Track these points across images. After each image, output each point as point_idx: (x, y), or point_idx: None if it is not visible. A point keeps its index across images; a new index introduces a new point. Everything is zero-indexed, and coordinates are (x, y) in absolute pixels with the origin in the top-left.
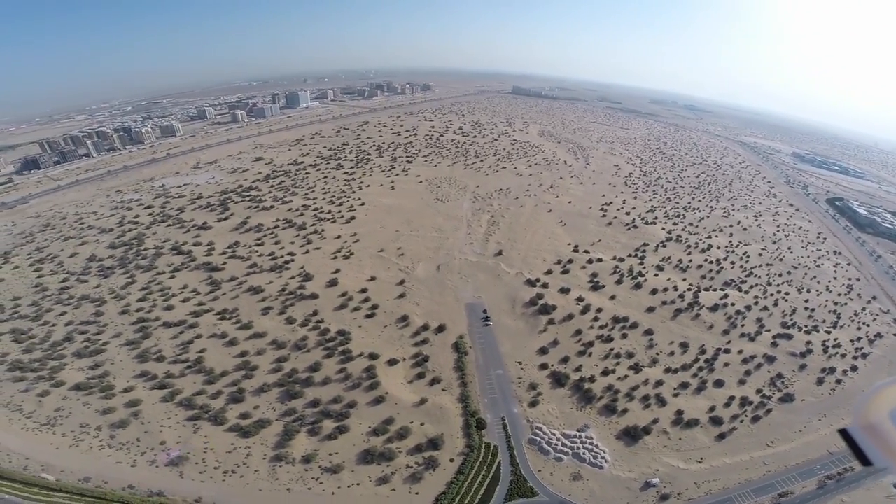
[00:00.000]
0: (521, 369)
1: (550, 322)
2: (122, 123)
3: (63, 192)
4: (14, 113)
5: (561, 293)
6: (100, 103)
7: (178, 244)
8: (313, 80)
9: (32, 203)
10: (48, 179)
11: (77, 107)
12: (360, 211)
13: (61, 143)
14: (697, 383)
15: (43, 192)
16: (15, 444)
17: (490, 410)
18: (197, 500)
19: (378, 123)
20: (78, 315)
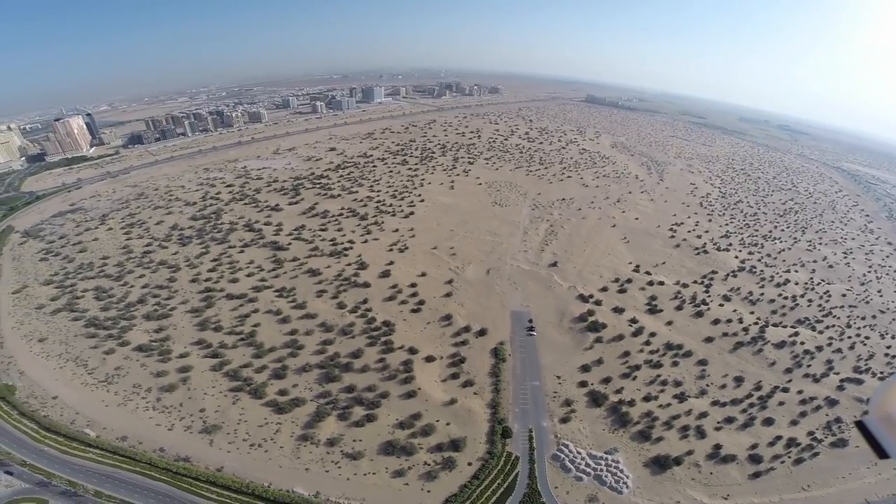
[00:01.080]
0: (559, 384)
1: (598, 340)
2: (216, 107)
3: (159, 167)
4: (129, 92)
5: (614, 312)
6: (199, 87)
7: (251, 222)
8: (388, 76)
9: (132, 174)
10: (148, 154)
11: (180, 90)
12: (419, 207)
13: (163, 122)
14: (745, 419)
15: (142, 164)
16: (71, 398)
17: (519, 420)
18: (219, 469)
19: (444, 123)
20: (154, 279)
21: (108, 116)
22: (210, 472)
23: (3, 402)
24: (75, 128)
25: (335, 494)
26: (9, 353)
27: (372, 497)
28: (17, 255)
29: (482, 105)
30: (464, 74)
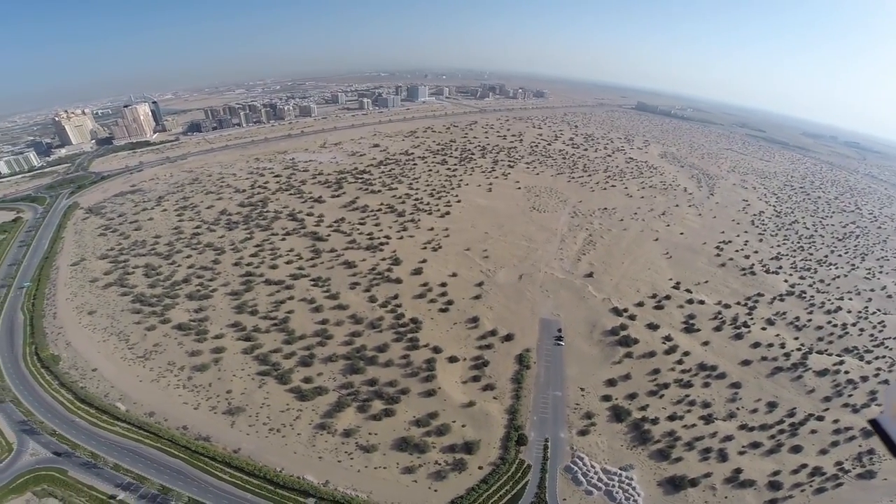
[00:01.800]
0: (582, 396)
1: (628, 355)
2: (270, 100)
3: (213, 154)
4: (192, 83)
5: (648, 328)
6: (256, 80)
7: (294, 212)
8: (433, 76)
9: (189, 160)
10: (205, 142)
11: (238, 82)
12: (456, 207)
13: (220, 112)
14: (771, 445)
15: (199, 151)
16: (109, 371)
17: (536, 429)
18: (236, 451)
19: (486, 125)
20: (200, 260)
21: (172, 105)
22: (227, 452)
23: (47, 371)
24: (141, 114)
25: (343, 485)
26: (60, 324)
27: (379, 491)
28: (79, 230)
29: (526, 108)
30: (508, 77)
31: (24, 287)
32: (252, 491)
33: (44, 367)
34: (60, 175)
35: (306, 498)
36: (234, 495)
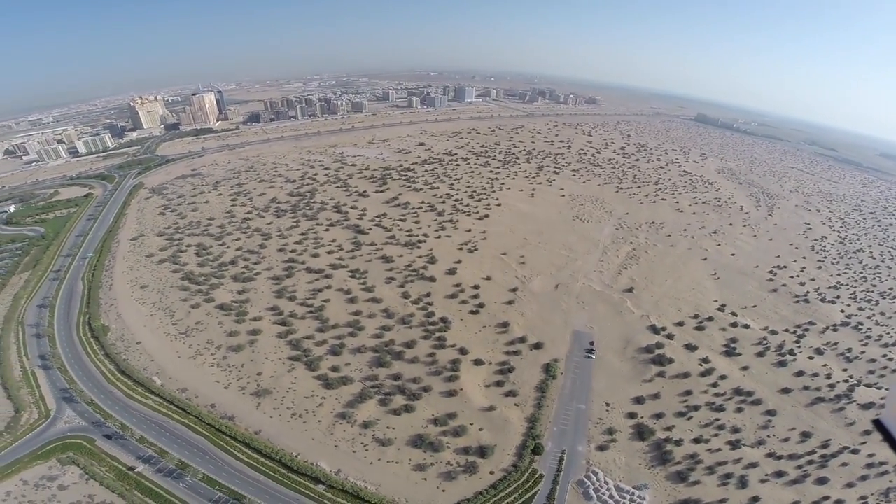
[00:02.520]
0: (606, 411)
1: (660, 374)
2: (325, 95)
3: (269, 144)
4: (254, 74)
5: (685, 349)
6: (313, 75)
7: (339, 204)
8: (481, 77)
9: (247, 148)
10: (262, 132)
11: (297, 75)
12: (495, 211)
13: (278, 105)
14: (797, 475)
15: (256, 141)
16: (151, 345)
17: (554, 440)
18: (257, 432)
19: (533, 129)
20: (247, 244)
21: (235, 95)
22: (248, 433)
23: (96, 341)
24: (207, 103)
25: (354, 475)
26: (114, 296)
27: (388, 484)
28: (141, 208)
29: (576, 115)
30: (559, 82)
31: (87, 258)
32: (265, 473)
33: (93, 337)
34: (130, 156)
35: (316, 484)
36: (247, 476)
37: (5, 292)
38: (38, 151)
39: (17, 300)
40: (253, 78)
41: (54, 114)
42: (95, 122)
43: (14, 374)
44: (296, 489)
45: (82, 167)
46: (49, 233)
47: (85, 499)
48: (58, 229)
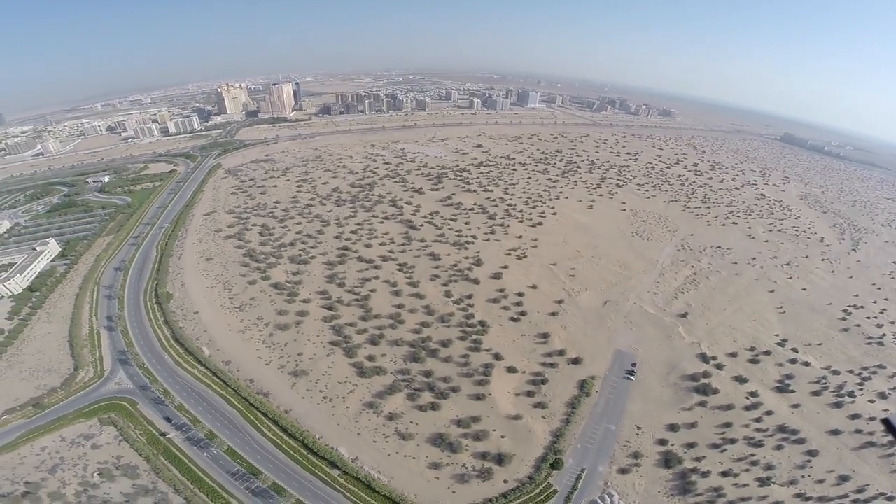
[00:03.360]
0: (637, 434)
1: (701, 404)
2: (392, 91)
3: (337, 136)
4: (329, 68)
5: (734, 380)
6: (383, 71)
7: (395, 199)
8: (547, 83)
9: (316, 139)
10: (332, 124)
11: (367, 71)
12: (550, 220)
13: (348, 98)
14: None
15: (326, 132)
16: (207, 316)
17: (576, 457)
18: (287, 411)
19: (598, 139)
20: (307, 228)
21: (310, 87)
22: (279, 411)
23: (159, 307)
24: (284, 93)
25: (370, 465)
26: (182, 265)
27: (400, 478)
28: (217, 187)
29: (647, 126)
30: (631, 92)
31: (164, 228)
32: (286, 452)
33: (157, 303)
34: (212, 139)
35: (332, 469)
36: (268, 452)
37: (89, 253)
38: (135, 129)
39: (98, 261)
40: (328, 71)
41: (152, 95)
42: (186, 105)
43: (82, 332)
44: (312, 471)
45: (170, 146)
46: (134, 203)
47: (112, 459)
48: (142, 200)
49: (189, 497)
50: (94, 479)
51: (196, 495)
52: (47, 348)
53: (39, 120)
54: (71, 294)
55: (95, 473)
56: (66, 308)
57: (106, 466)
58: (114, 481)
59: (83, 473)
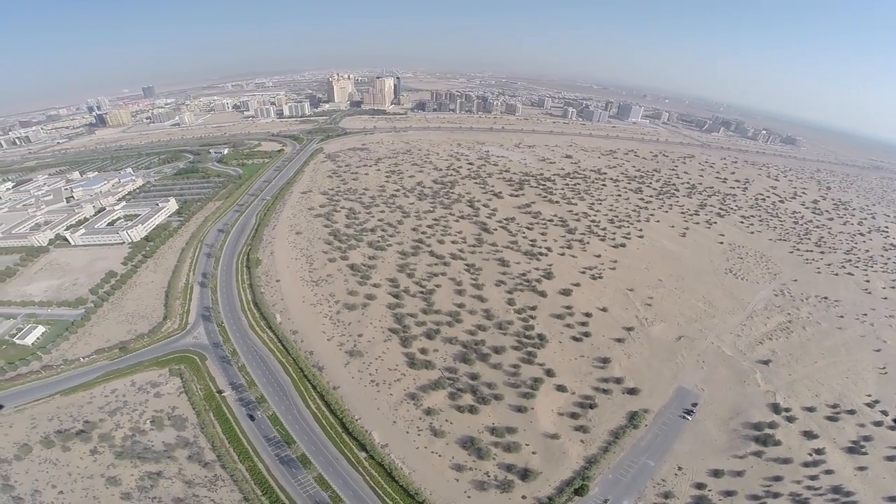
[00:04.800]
0: (675, 474)
1: (756, 454)
2: (483, 93)
3: (427, 132)
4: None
5: (802, 435)
6: (477, 72)
7: (473, 200)
8: (653, 97)
9: (409, 133)
10: (424, 120)
11: (462, 71)
12: (634, 242)
13: (442, 97)
14: None
15: (418, 128)
16: (286, 286)
17: (603, 487)
18: (335, 388)
19: (704, 162)
20: (388, 217)
21: (409, 82)
22: (327, 387)
23: (247, 271)
24: (386, 87)
25: (396, 454)
26: (274, 235)
27: (422, 472)
28: (316, 169)
29: (764, 153)
30: (750, 114)
31: (265, 200)
32: (323, 427)
33: (247, 266)
34: (318, 124)
35: (360, 451)
36: (307, 424)
37: (200, 214)
38: (255, 109)
39: (206, 222)
40: (426, 69)
41: (274, 80)
42: (300, 91)
43: (179, 284)
44: (341, 450)
45: (283, 127)
46: (245, 175)
47: (167, 409)
48: (252, 173)
49: (221, 455)
50: (145, 426)
51: (228, 454)
52: (146, 296)
53: (181, 94)
54: (178, 248)
55: (148, 421)
56: (171, 260)
57: (160, 415)
58: (161, 430)
59: (137, 419)
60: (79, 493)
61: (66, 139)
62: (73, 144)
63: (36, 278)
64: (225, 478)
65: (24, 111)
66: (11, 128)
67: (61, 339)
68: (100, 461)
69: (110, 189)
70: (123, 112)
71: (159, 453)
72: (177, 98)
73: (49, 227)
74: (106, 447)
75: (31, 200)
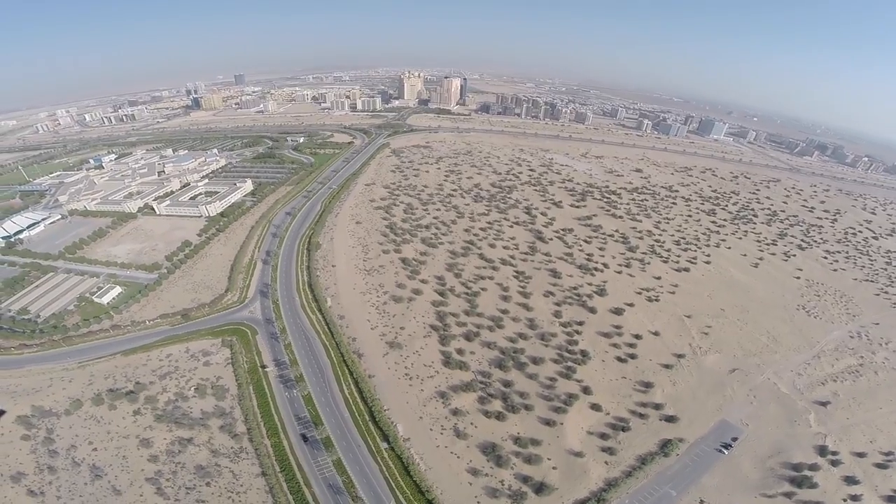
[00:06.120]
0: None
1: (787, 495)
2: (552, 99)
3: (490, 135)
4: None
5: (843, 480)
6: (547, 78)
7: (531, 207)
8: (739, 114)
9: (471, 134)
10: (488, 122)
11: (531, 76)
12: (700, 268)
13: (507, 100)
14: None
15: (481, 129)
16: (341, 271)
17: None
18: (370, 376)
19: (791, 188)
20: (443, 216)
21: (476, 84)
22: (363, 374)
23: (307, 253)
24: (453, 87)
25: (416, 449)
26: (336, 222)
27: (437, 471)
28: (380, 163)
29: (863, 182)
30: (852, 138)
31: (332, 189)
32: (352, 413)
33: (307, 250)
34: (387, 120)
35: (383, 441)
36: (337, 408)
37: (272, 196)
38: (332, 102)
39: (276, 204)
40: (494, 72)
41: (350, 74)
42: (374, 87)
43: (244, 260)
44: (364, 437)
45: (355, 120)
46: (316, 163)
47: (213, 378)
48: (322, 162)
49: (251, 428)
50: (189, 392)
51: (258, 428)
52: (214, 267)
53: (267, 83)
54: (248, 225)
55: (193, 388)
56: (241, 236)
57: (204, 384)
58: (203, 398)
59: (183, 386)
60: (111, 451)
61: (165, 119)
62: (170, 124)
63: (121, 241)
64: (249, 451)
65: (135, 91)
66: (121, 106)
67: (133, 300)
68: (139, 422)
69: (196, 167)
70: (216, 97)
71: (195, 420)
72: (263, 86)
73: (140, 196)
74: (148, 409)
75: (129, 172)
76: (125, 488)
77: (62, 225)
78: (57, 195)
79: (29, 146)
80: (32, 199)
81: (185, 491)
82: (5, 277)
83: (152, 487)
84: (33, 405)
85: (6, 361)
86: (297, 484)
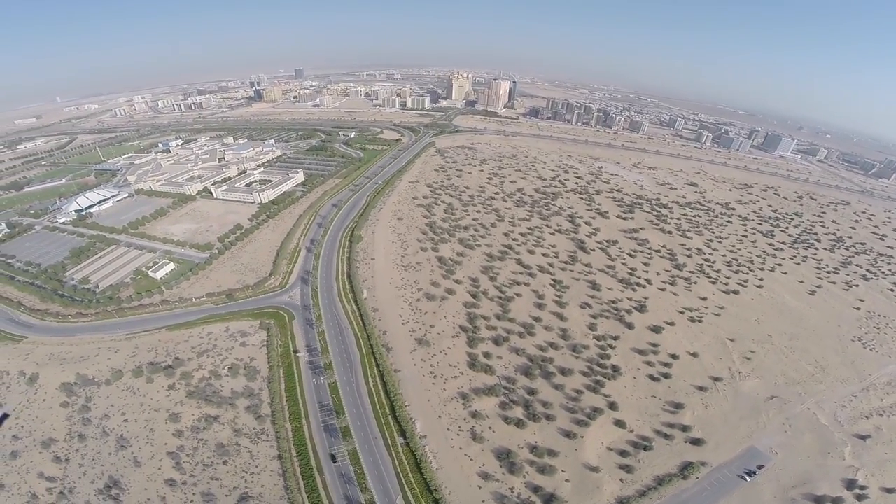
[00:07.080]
0: None
1: None
2: (605, 106)
3: (537, 140)
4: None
5: None
6: (601, 85)
7: (575, 215)
8: (810, 130)
9: (518, 138)
10: (536, 127)
11: (584, 82)
12: (751, 291)
13: (558, 105)
14: None
15: (528, 134)
16: (379, 265)
17: None
18: (396, 371)
19: (861, 212)
20: (483, 218)
21: (525, 88)
22: (389, 368)
23: (349, 244)
24: (501, 90)
25: (431, 449)
26: (378, 217)
27: (448, 471)
28: (425, 161)
29: None
30: None
31: (378, 184)
32: (374, 405)
33: (349, 241)
34: (435, 119)
35: (399, 437)
36: (360, 398)
37: (321, 188)
38: (383, 99)
39: (324, 195)
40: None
41: (402, 72)
42: (423, 86)
43: (290, 246)
44: (382, 431)
45: (404, 118)
46: (364, 158)
47: (246, 359)
48: (370, 158)
49: (276, 411)
50: (222, 371)
51: (282, 412)
52: (261, 251)
53: (324, 78)
54: (296, 214)
55: (227, 367)
56: (288, 224)
57: (238, 364)
58: (235, 377)
59: (219, 364)
60: (140, 423)
61: (229, 108)
62: (233, 114)
63: (179, 220)
64: (270, 433)
65: (204, 80)
66: (190, 95)
67: (184, 277)
68: (172, 397)
69: (253, 156)
70: (276, 90)
71: (223, 399)
72: (320, 81)
73: (200, 180)
74: (182, 385)
75: (192, 157)
76: (145, 461)
77: (129, 202)
78: (127, 175)
79: (107, 129)
80: (105, 178)
81: (201, 468)
82: (73, 247)
83: (171, 462)
84: (78, 373)
85: (62, 329)
86: (309, 469)
